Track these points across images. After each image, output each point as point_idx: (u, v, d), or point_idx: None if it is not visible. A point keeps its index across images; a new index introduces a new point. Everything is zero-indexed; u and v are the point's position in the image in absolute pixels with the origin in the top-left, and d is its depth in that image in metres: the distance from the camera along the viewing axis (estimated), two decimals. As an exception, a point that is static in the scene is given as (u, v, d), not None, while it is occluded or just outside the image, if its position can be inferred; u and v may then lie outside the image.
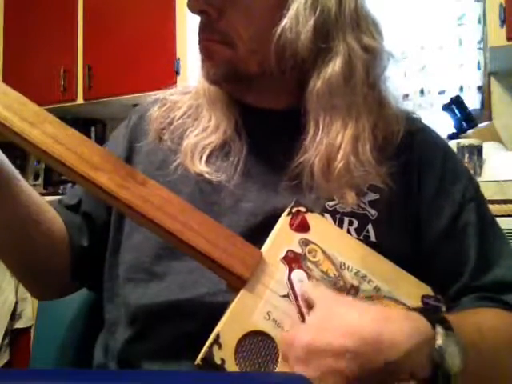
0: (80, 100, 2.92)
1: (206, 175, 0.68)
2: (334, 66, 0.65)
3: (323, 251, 0.59)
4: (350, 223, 0.66)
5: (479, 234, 0.69)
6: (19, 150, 0.65)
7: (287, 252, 0.58)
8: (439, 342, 0.51)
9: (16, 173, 0.66)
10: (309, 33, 0.64)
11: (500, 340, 0.61)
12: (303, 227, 0.60)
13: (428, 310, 0.54)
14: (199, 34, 0.68)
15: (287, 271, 0.57)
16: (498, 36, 1.88)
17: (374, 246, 0.63)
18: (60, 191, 2.81)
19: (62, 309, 0.80)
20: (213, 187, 0.68)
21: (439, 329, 0.52)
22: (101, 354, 0.73)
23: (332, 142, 0.65)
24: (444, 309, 0.60)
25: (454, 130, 2.05)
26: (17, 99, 0.57)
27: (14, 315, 2.40)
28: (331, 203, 0.67)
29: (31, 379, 0.39)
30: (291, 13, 0.64)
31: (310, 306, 0.55)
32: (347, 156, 0.65)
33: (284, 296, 0.56)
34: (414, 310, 0.55)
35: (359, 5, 0.68)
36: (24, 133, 0.56)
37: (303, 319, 0.55)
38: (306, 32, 0.64)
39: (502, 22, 1.85)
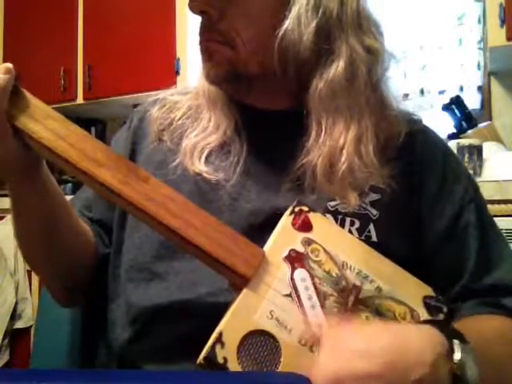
0: (80, 100, 2.92)
1: (205, 174, 0.68)
2: (337, 67, 0.65)
3: (326, 251, 0.59)
4: (352, 223, 0.66)
5: (479, 236, 0.69)
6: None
7: (290, 251, 0.58)
8: (458, 355, 0.50)
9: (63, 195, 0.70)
10: (311, 34, 0.64)
11: (505, 349, 0.61)
12: (306, 226, 0.60)
13: (441, 323, 0.54)
14: (200, 34, 0.68)
15: (290, 270, 0.57)
16: (498, 36, 1.88)
17: (375, 246, 0.63)
18: (60, 191, 2.80)
19: (61, 309, 0.80)
20: (211, 186, 0.68)
21: (457, 342, 0.51)
22: (103, 354, 0.73)
23: (335, 143, 0.65)
24: (445, 310, 0.60)
25: (454, 130, 2.05)
26: (20, 94, 0.57)
27: (14, 315, 2.39)
28: (333, 203, 0.67)
29: (31, 379, 0.39)
30: (293, 14, 0.64)
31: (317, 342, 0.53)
32: (350, 157, 0.65)
33: (286, 295, 0.56)
34: (426, 322, 0.54)
35: (361, 6, 0.68)
36: (26, 128, 0.56)
37: (305, 318, 0.55)
38: (308, 33, 0.64)
39: (502, 21, 1.85)
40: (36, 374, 0.43)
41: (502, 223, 0.76)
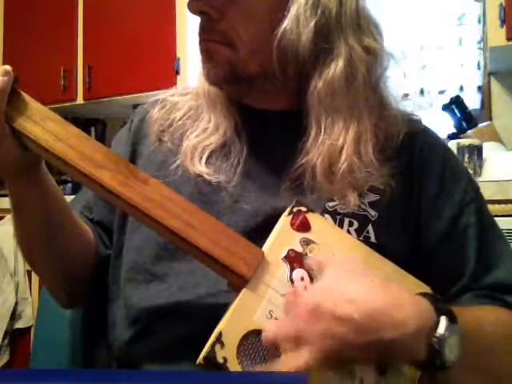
0: (80, 100, 2.92)
1: (206, 176, 0.68)
2: (336, 66, 0.66)
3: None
4: (350, 224, 0.66)
5: (479, 236, 0.69)
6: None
7: (289, 251, 0.58)
8: (441, 331, 0.51)
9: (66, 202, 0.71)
10: (310, 34, 0.64)
11: (497, 335, 0.62)
12: (304, 227, 0.60)
13: (436, 299, 0.54)
14: (199, 34, 0.68)
15: (289, 270, 0.57)
16: (498, 36, 1.88)
17: (374, 247, 0.63)
18: (60, 191, 2.80)
19: (62, 309, 0.80)
20: (212, 188, 0.68)
21: (443, 319, 0.52)
22: (103, 354, 0.73)
23: (334, 143, 0.65)
24: None
25: (454, 130, 2.05)
26: (19, 96, 0.57)
27: (14, 315, 2.39)
28: (331, 204, 0.67)
29: (31, 379, 0.39)
30: (292, 14, 0.64)
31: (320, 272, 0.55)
32: (350, 157, 0.65)
33: (286, 295, 0.56)
34: (424, 296, 0.55)
35: (360, 6, 0.68)
36: (25, 129, 0.56)
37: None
38: (307, 33, 0.64)
39: (502, 21, 1.85)
40: (36, 374, 0.43)
41: (502, 223, 0.75)
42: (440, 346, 0.51)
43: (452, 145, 1.79)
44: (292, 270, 0.57)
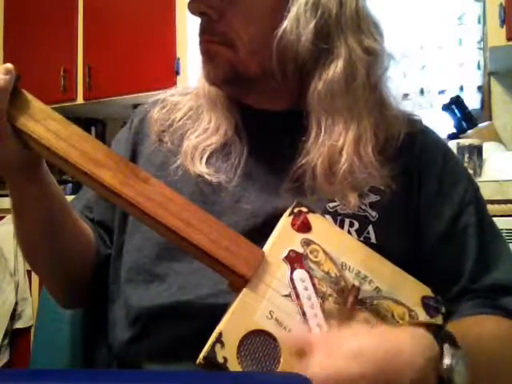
0: (80, 100, 2.92)
1: (206, 176, 0.68)
2: (336, 67, 0.66)
3: (325, 251, 0.59)
4: (351, 224, 0.66)
5: (478, 236, 0.69)
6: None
7: (289, 252, 0.58)
8: (448, 360, 0.51)
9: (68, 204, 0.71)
10: (310, 34, 0.64)
11: (499, 351, 0.62)
12: (305, 227, 0.60)
13: (434, 326, 0.54)
14: (200, 35, 0.68)
15: (289, 271, 0.57)
16: (498, 36, 1.88)
17: (374, 247, 0.63)
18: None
19: (62, 309, 0.80)
20: (213, 188, 0.68)
21: (447, 347, 0.52)
22: (103, 354, 0.73)
23: (334, 143, 0.65)
24: (444, 310, 0.60)
25: (454, 130, 2.05)
26: (21, 95, 0.57)
27: (14, 315, 2.40)
28: (332, 204, 0.67)
29: (31, 379, 0.40)
30: (292, 15, 0.64)
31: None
32: (350, 158, 0.65)
33: (286, 296, 0.56)
34: (419, 325, 0.54)
35: (360, 6, 0.68)
36: (26, 128, 0.56)
37: (305, 318, 0.55)
38: (307, 34, 0.64)
39: (502, 21, 1.85)
40: (36, 374, 0.43)
41: (501, 223, 0.76)
42: (449, 374, 0.50)
43: (452, 145, 1.79)
44: (292, 270, 0.57)
